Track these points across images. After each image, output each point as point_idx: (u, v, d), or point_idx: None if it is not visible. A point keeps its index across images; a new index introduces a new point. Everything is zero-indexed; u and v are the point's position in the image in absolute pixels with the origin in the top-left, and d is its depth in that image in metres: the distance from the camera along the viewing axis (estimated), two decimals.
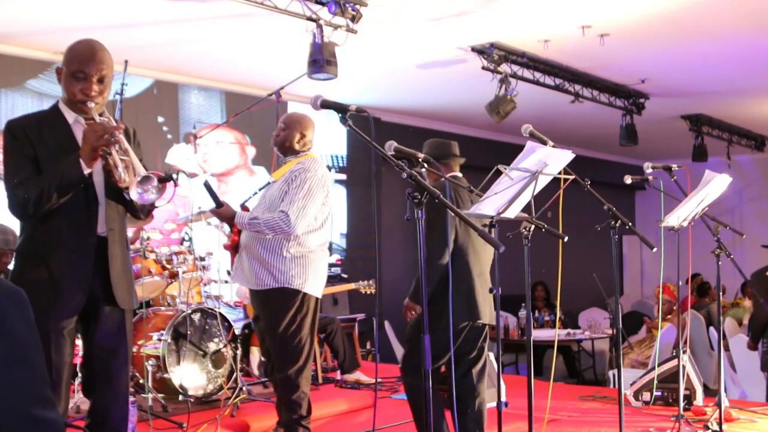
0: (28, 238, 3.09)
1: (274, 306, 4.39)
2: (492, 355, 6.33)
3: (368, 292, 7.11)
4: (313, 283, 4.45)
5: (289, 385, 4.39)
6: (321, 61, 6.14)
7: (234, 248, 4.67)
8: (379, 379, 7.00)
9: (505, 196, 3.55)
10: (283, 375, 4.40)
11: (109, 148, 2.97)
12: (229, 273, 6.29)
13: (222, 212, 4.50)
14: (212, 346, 5.72)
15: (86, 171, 2.96)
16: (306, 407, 4.41)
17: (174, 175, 2.99)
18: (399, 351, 9.11)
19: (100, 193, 3.09)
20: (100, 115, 3.10)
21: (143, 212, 3.24)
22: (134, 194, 2.93)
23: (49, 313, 2.93)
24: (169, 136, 8.59)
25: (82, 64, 3.05)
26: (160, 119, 8.54)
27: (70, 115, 3.13)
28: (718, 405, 5.15)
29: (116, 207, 3.15)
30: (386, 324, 9.22)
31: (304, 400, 4.39)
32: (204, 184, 4.72)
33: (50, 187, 2.92)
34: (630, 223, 4.16)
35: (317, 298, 4.50)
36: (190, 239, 6.21)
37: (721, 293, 5.53)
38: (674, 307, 8.04)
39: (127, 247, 3.26)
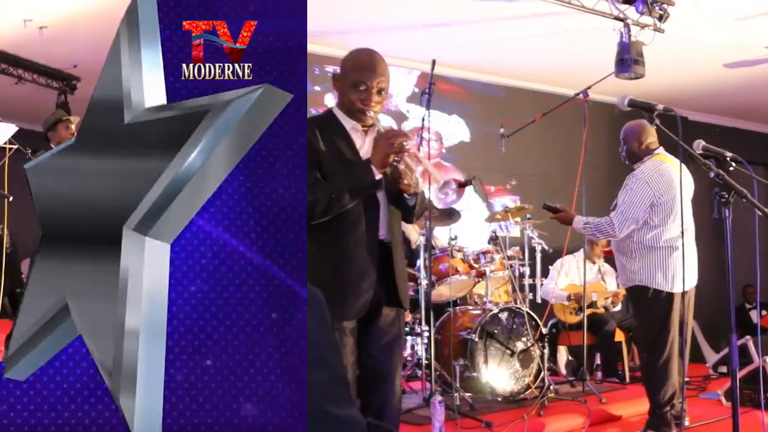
0: (315, 242, 3.06)
1: (633, 301, 5.03)
2: None
3: None
4: (661, 278, 4.70)
5: (647, 372, 4.89)
6: (628, 60, 6.29)
7: None
8: None
9: None
10: (643, 363, 5.10)
11: (400, 156, 3.03)
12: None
13: (560, 217, 5.02)
14: (519, 345, 5.73)
15: (377, 176, 3.03)
16: (663, 395, 4.72)
17: (472, 181, 3.06)
18: None
19: (381, 197, 3.16)
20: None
21: (417, 216, 3.31)
22: (435, 199, 3.01)
23: (335, 314, 2.88)
24: None
25: (364, 76, 3.08)
26: None
27: (347, 122, 3.17)
28: None
29: (395, 211, 3.21)
30: None
31: (662, 388, 4.73)
32: (544, 206, 5.07)
33: (342, 189, 3.00)
34: None
35: (671, 293, 4.68)
36: (497, 238, 6.25)
37: None
38: None
39: (402, 249, 3.33)
